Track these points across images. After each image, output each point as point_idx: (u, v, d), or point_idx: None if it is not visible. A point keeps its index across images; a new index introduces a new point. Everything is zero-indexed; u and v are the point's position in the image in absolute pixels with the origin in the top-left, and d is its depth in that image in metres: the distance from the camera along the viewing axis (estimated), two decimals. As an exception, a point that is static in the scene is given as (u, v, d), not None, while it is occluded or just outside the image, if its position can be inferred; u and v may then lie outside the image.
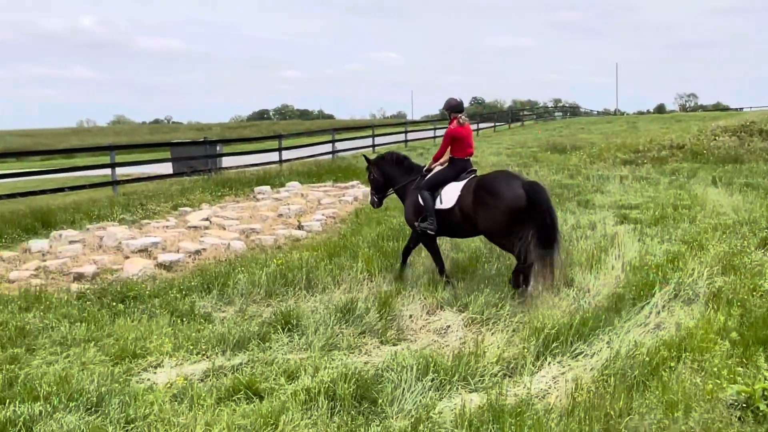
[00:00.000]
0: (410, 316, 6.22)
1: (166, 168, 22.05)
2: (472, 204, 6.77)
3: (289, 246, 9.90)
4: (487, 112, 66.94)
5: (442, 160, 7.52)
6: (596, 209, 11.70)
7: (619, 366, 4.78)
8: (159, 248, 9.63)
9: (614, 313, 5.95)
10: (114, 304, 6.66)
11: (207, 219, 12.06)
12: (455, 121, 7.37)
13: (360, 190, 15.81)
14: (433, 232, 7.25)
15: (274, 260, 8.07)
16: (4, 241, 10.24)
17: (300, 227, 11.56)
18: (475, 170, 7.41)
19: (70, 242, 10.00)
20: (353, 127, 43.43)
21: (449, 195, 7.15)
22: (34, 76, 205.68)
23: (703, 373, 4.63)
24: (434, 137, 33.70)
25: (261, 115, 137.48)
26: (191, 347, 5.46)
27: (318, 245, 9.29)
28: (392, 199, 13.57)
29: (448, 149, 7.44)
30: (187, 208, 13.33)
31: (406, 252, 7.73)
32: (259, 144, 37.50)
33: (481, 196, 6.66)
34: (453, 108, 7.46)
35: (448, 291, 6.73)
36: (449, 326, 5.98)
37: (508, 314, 5.99)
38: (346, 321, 6.00)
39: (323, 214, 12.66)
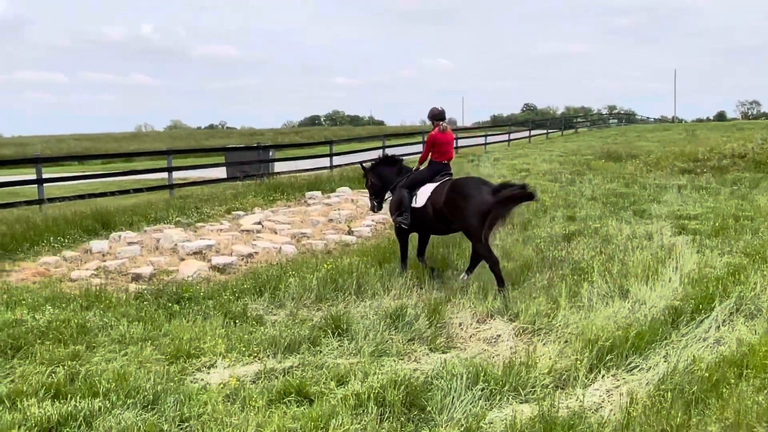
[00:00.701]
0: (460, 324, 6.19)
1: (221, 172, 22.54)
2: (444, 204, 7.56)
3: (339, 251, 9.99)
4: (539, 119, 66.10)
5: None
6: (653, 219, 11.41)
7: (677, 381, 4.65)
8: (213, 251, 9.85)
9: (671, 327, 5.79)
10: (170, 304, 6.85)
11: (259, 223, 12.27)
12: (437, 128, 8.26)
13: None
14: (406, 227, 8.15)
15: (325, 265, 8.16)
16: (66, 241, 10.64)
17: (350, 232, 11.64)
18: (451, 174, 8.24)
19: (129, 243, 10.34)
20: (403, 134, 43.47)
21: (423, 195, 8.02)
22: (95, 82, 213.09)
23: (766, 392, 4.46)
24: (485, 144, 33.49)
25: (312, 121, 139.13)
26: (243, 349, 5.57)
27: (368, 251, 9.34)
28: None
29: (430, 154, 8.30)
30: (240, 212, 13.60)
31: (420, 251, 8.40)
32: (311, 149, 37.90)
33: (452, 198, 7.47)
34: (435, 116, 8.35)
35: (498, 301, 6.67)
36: (499, 335, 5.93)
37: (560, 325, 5.90)
38: (396, 327, 6.02)
39: (373, 220, 12.72)
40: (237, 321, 6.35)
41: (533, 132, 41.30)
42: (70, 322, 6.12)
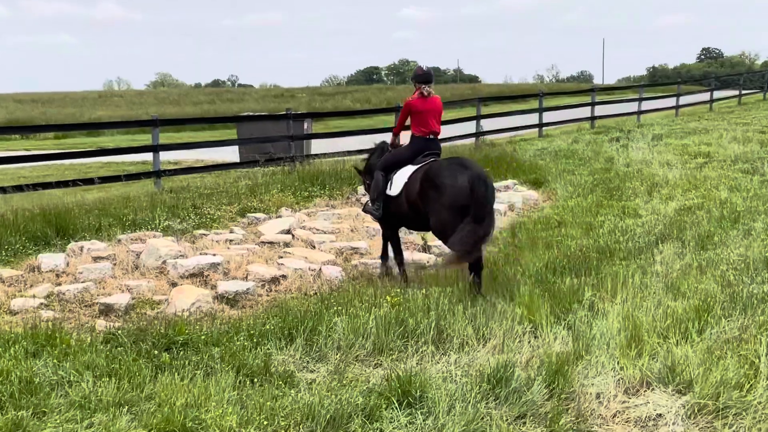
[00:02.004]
0: (597, 396, 6.13)
1: (231, 154, 23.03)
2: (417, 195, 8.88)
3: (410, 276, 10.04)
4: (725, 74, 64.56)
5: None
6: None
7: None
8: (220, 272, 10.06)
9: None
10: (156, 352, 7.02)
11: (288, 231, 12.45)
12: (417, 93, 9.63)
13: (520, 194, 15.79)
14: (376, 218, 9.64)
15: (388, 297, 8.20)
16: (3, 254, 11.05)
17: (426, 248, 11.68)
18: (438, 152, 9.66)
19: (95, 259, 10.68)
20: (508, 96, 43.41)
21: (399, 180, 9.30)
22: (47, 17, 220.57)
23: None
24: (638, 112, 32.99)
25: (369, 76, 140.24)
26: (265, 422, 5.65)
27: (453, 277, 9.33)
28: (570, 212, 13.43)
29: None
30: (260, 215, 13.84)
31: (384, 250, 10.02)
32: (366, 119, 38.40)
33: (425, 188, 8.79)
34: (418, 77, 9.69)
35: (657, 361, 6.58)
36: (660, 415, 5.84)
37: (761, 402, 5.77)
38: (496, 397, 6.01)
39: (461, 230, 12.71)
40: (256, 380, 6.45)
41: (716, 94, 40.43)
42: (9, 376, 6.36)
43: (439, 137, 9.96)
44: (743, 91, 43.67)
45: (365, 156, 10.55)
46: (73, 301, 9.12)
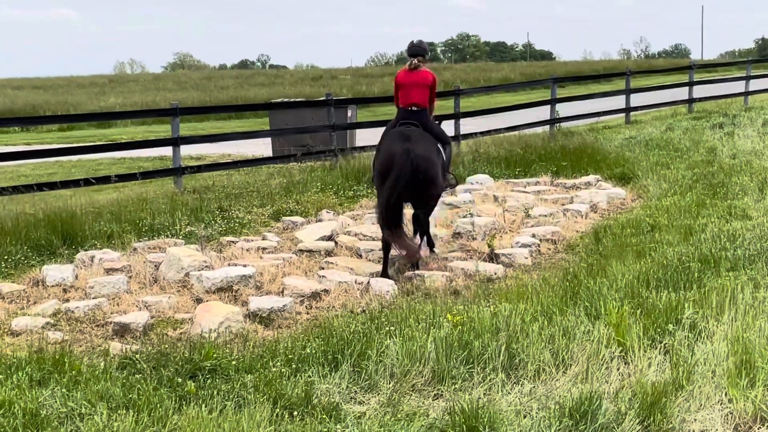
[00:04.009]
0: (702, 433, 6.07)
1: (262, 147, 23.15)
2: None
3: (474, 290, 10.03)
4: None
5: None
6: None
7: None
8: (251, 286, 10.14)
9: None
10: (179, 380, 7.08)
11: (330, 237, 12.49)
12: (406, 66, 11.99)
13: (604, 192, 15.69)
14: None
15: (449, 316, 8.18)
16: (3, 266, 11.22)
17: (493, 257, 11.65)
18: (414, 123, 11.41)
19: (108, 271, 10.80)
20: (589, 76, 43.15)
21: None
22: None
23: None
24: (745, 93, 32.52)
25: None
26: (307, 463, 5.68)
27: (526, 291, 9.31)
28: (665, 213, 13.29)
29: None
30: (297, 218, 13.92)
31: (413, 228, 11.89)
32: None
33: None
34: (408, 50, 12.08)
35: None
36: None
37: None
38: (580, 433, 5.98)
39: (535, 234, 12.74)
40: (296, 413, 6.46)
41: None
42: (11, 407, 6.45)
43: (511, 125, 10.85)
44: None
45: None
46: (84, 320, 9.24)
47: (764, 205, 13.53)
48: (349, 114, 21.72)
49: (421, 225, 11.81)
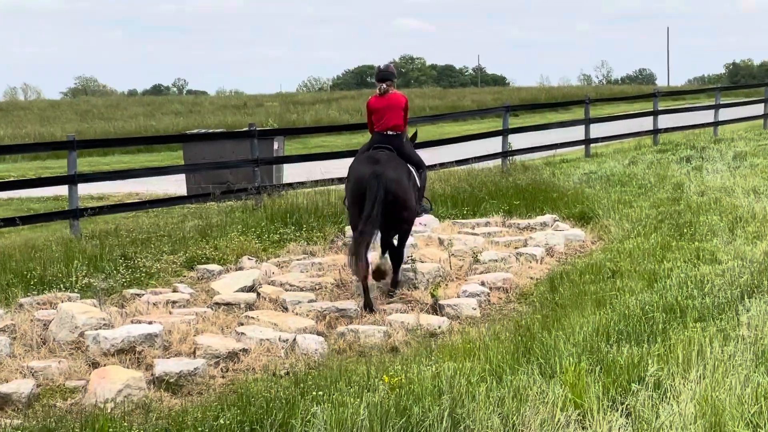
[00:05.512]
0: None
1: (176, 185, 23.04)
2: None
3: (414, 347, 10.02)
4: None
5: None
6: None
7: None
8: (158, 346, 9.98)
9: None
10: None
11: (252, 288, 12.42)
12: (377, 91, 12.92)
13: (561, 234, 15.85)
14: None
15: (385, 377, 8.14)
16: None
17: (437, 308, 11.67)
18: (388, 148, 12.46)
19: (-11, 331, 10.58)
20: (545, 104, 43.64)
21: None
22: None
23: None
24: (715, 122, 33.01)
25: (361, 78, 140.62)
26: None
27: (473, 347, 9.32)
28: (627, 257, 13.42)
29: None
30: (214, 266, 13.84)
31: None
32: (357, 135, 38.48)
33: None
34: (377, 76, 13.24)
35: None
36: None
37: None
38: None
39: (484, 282, 12.82)
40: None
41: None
42: None
43: (458, 159, 11.31)
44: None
45: None
46: (-39, 388, 9.04)
47: (734, 247, 13.65)
48: (276, 146, 21.67)
49: (394, 255, 12.63)
